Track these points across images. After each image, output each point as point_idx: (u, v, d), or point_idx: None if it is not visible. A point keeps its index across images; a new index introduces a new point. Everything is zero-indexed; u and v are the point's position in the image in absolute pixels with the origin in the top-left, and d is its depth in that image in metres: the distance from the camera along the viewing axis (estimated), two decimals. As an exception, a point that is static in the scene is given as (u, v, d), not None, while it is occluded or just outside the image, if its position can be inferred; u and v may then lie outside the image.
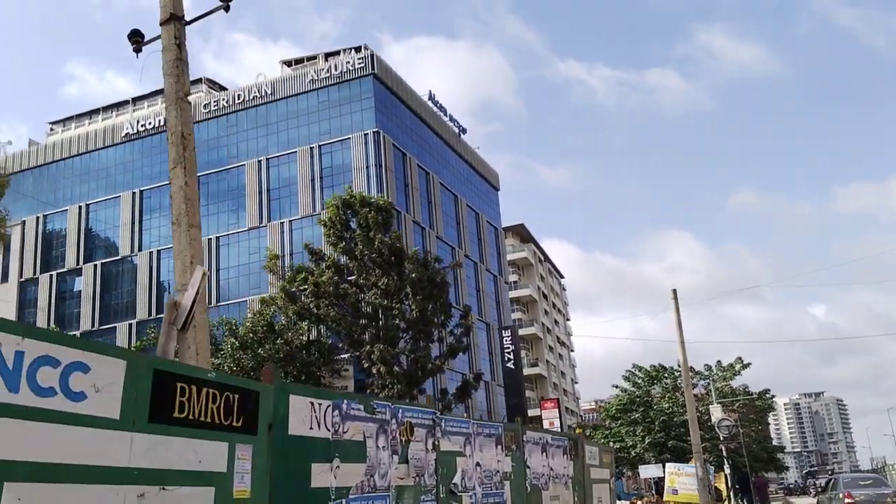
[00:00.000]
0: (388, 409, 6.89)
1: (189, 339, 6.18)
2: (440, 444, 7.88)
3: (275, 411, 5.02)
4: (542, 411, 49.07)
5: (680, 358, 27.23)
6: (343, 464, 5.90)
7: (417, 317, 25.94)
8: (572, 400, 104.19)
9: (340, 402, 6.04)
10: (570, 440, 12.00)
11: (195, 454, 4.08)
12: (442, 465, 7.83)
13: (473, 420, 8.92)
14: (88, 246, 63.04)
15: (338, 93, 57.43)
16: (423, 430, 7.58)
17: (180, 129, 6.62)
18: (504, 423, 10.33)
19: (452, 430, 8.27)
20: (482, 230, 70.53)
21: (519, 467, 9.67)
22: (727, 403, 38.67)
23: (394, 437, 6.98)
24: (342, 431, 5.99)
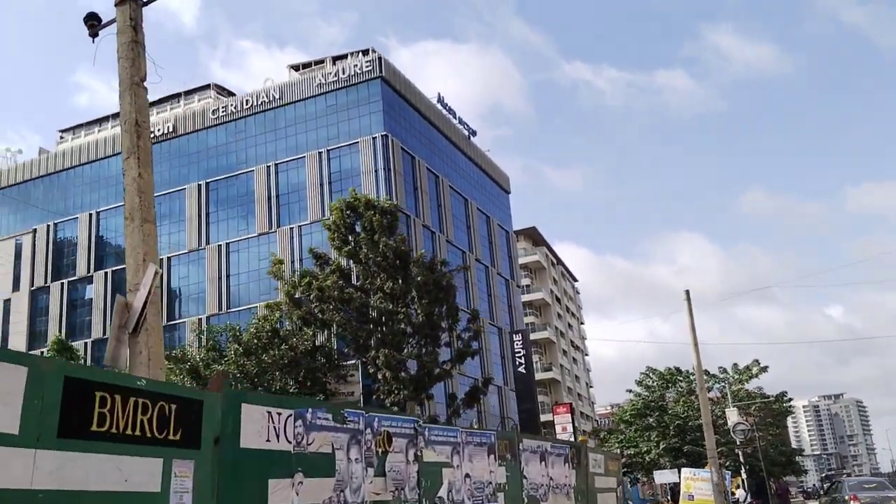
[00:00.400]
0: (361, 417, 6.38)
1: (141, 343, 5.70)
2: (423, 455, 7.37)
3: (223, 422, 4.53)
4: (554, 416, 48.36)
5: (693, 360, 26.60)
6: (307, 479, 5.43)
7: (424, 321, 25.45)
8: (587, 404, 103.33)
9: (304, 412, 5.54)
10: (572, 448, 11.45)
11: (119, 472, 3.60)
12: (425, 477, 7.35)
13: (462, 428, 8.40)
14: (99, 254, 62.98)
15: (346, 96, 57.12)
16: (404, 439, 7.09)
17: (135, 116, 6.18)
18: (498, 430, 9.80)
19: (438, 440, 7.75)
20: (493, 234, 69.97)
21: (514, 478, 9.14)
22: (743, 407, 37.91)
23: (369, 448, 6.46)
24: (306, 443, 5.52)
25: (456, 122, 66.77)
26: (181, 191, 60.68)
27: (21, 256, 64.86)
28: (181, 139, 61.62)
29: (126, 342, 5.26)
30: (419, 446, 7.33)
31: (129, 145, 6.05)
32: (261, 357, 24.09)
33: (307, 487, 5.39)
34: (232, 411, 4.68)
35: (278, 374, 25.30)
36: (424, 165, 59.58)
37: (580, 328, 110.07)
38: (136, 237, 5.79)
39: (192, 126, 61.32)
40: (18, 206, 65.58)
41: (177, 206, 60.91)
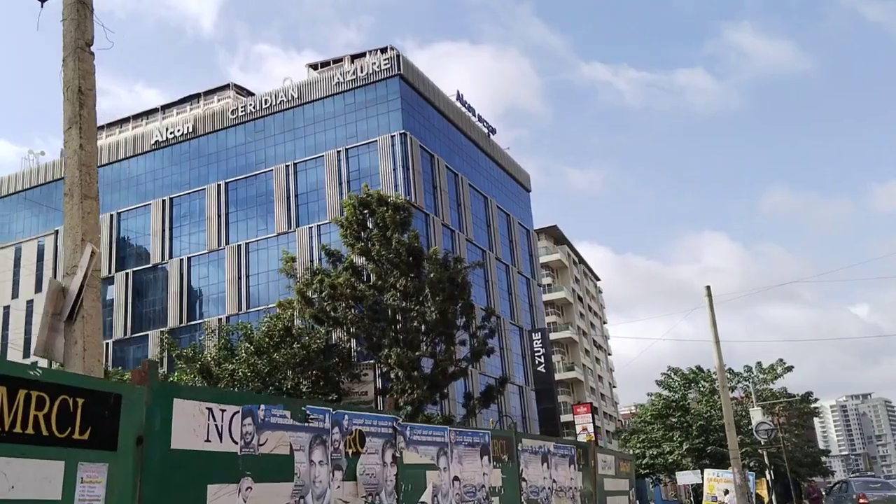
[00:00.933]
0: (327, 415, 5.81)
1: (76, 332, 5.21)
2: (403, 456, 6.81)
3: (149, 420, 4.00)
4: (574, 416, 47.65)
5: (715, 358, 25.84)
6: (258, 484, 4.87)
7: (438, 319, 24.93)
8: (610, 404, 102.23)
9: (254, 408, 4.99)
10: (579, 448, 10.82)
11: (4, 478, 3.10)
12: (405, 480, 6.77)
13: (451, 427, 7.80)
14: (120, 254, 63.17)
15: (364, 95, 56.80)
16: (380, 439, 6.52)
17: (78, 83, 5.71)
18: (493, 429, 9.22)
19: (421, 440, 7.17)
20: (513, 232, 69.32)
21: (512, 480, 8.53)
22: (768, 407, 36.98)
23: (336, 449, 5.90)
24: (257, 443, 4.96)
25: (475, 119, 66.19)
26: (201, 191, 60.69)
27: (43, 258, 65.18)
28: (200, 140, 61.64)
29: (61, 331, 4.79)
30: (398, 447, 6.78)
31: (72, 115, 5.59)
32: (272, 356, 23.66)
33: (258, 494, 4.85)
34: (160, 407, 4.14)
35: (290, 373, 24.89)
36: (443, 164, 59.12)
37: (603, 327, 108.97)
38: (74, 215, 5.33)
39: (212, 126, 61.31)
40: (41, 208, 65.95)
41: (197, 207, 60.94)
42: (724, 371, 27.98)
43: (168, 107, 68.38)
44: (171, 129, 62.79)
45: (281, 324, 25.29)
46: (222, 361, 23.74)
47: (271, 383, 23.31)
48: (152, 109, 69.23)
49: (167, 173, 62.66)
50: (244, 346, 23.88)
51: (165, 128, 63.30)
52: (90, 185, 5.51)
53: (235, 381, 23.37)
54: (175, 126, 62.89)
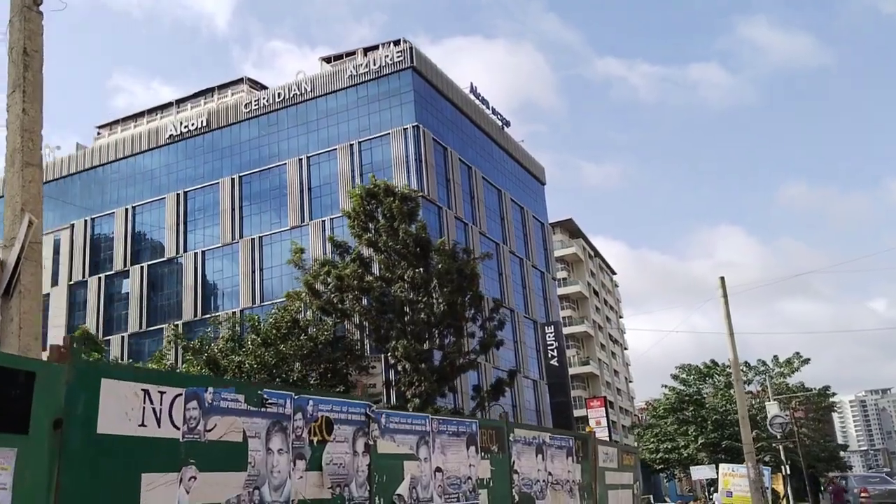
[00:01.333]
0: (288, 400, 5.42)
1: (13, 308, 4.91)
2: (378, 446, 6.45)
3: (69, 401, 3.67)
4: (587, 410, 47.20)
5: (729, 351, 25.32)
6: (204, 473, 4.53)
7: (446, 310, 24.61)
8: (626, 399, 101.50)
9: (200, 391, 4.63)
10: (577, 440, 10.40)
11: None
12: (380, 471, 6.41)
13: (433, 416, 7.42)
14: (135, 248, 63.31)
15: (377, 88, 56.53)
16: (350, 427, 6.14)
17: (23, 44, 5.40)
18: (481, 419, 8.86)
19: (398, 428, 6.79)
20: (528, 225, 68.84)
21: (502, 472, 8.14)
22: (784, 400, 36.38)
23: (299, 436, 5.53)
24: (204, 429, 4.62)
25: (489, 112, 65.71)
26: (215, 185, 60.69)
27: (59, 252, 65.51)
28: (214, 133, 61.64)
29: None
30: (372, 435, 6.41)
31: (16, 77, 5.28)
32: (279, 347, 23.45)
33: (203, 484, 4.50)
34: (85, 388, 3.80)
35: (298, 364, 24.69)
36: (457, 156, 58.75)
37: (619, 322, 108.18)
38: (14, 183, 5.01)
39: (226, 120, 61.27)
40: (57, 202, 66.22)
41: (211, 200, 60.95)
42: (739, 365, 27.47)
43: (182, 101, 68.43)
44: (185, 122, 62.83)
45: (289, 315, 25.08)
46: (229, 353, 23.56)
47: (278, 375, 23.11)
48: (167, 104, 69.31)
49: (181, 167, 62.71)
50: (251, 337, 23.70)
51: (180, 122, 63.34)
52: (33, 151, 5.19)
53: (243, 372, 23.20)
54: (189, 120, 62.92)
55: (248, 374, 22.86)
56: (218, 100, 65.76)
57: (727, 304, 24.55)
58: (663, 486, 47.71)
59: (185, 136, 62.42)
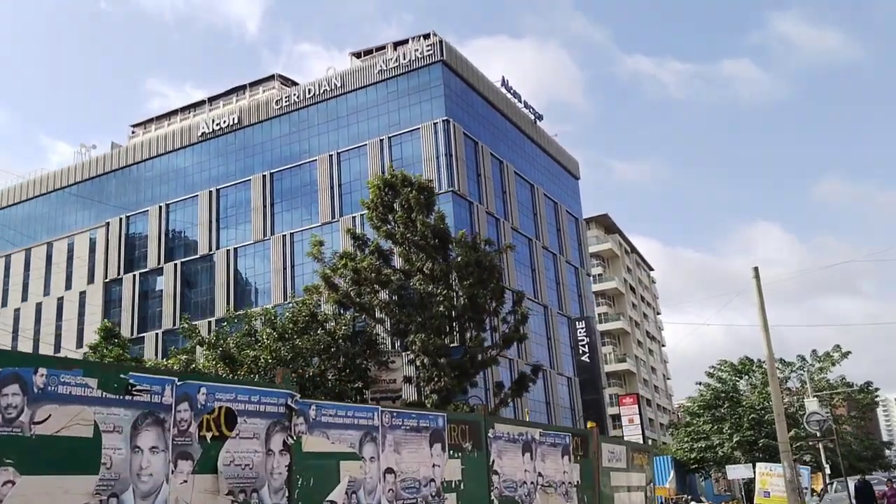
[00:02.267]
0: (168, 386, 4.58)
1: None
2: (304, 443, 5.60)
3: None
4: (620, 407, 46.19)
5: (763, 345, 24.32)
6: (28, 476, 3.77)
7: (466, 304, 23.98)
8: (664, 396, 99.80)
9: (24, 372, 3.85)
10: (576, 437, 9.51)
11: None
12: (305, 473, 5.55)
13: (384, 407, 6.60)
14: (169, 245, 63.79)
15: (406, 82, 56.13)
16: (264, 420, 5.30)
17: None
18: (452, 412, 8.17)
19: (334, 422, 5.94)
20: (561, 220, 67.88)
21: (477, 473, 7.31)
22: (824, 397, 35.07)
23: (183, 431, 4.70)
24: (30, 420, 3.85)
25: (521, 106, 64.87)
26: (246, 182, 60.88)
27: (95, 250, 66.26)
28: (246, 131, 61.81)
29: None
30: (295, 430, 5.54)
31: None
32: (295, 342, 23.00)
33: (27, 490, 3.73)
34: None
35: (317, 359, 24.24)
36: (488, 151, 58.11)
37: (656, 318, 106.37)
38: None
39: (257, 117, 61.41)
40: (92, 201, 66.98)
41: (243, 197, 61.12)
42: (775, 360, 26.43)
43: (215, 99, 68.75)
44: (217, 120, 63.07)
45: (307, 309, 24.62)
46: (245, 347, 23.20)
47: (294, 370, 22.66)
48: (199, 101, 69.70)
49: (214, 164, 62.99)
50: (266, 331, 23.30)
51: (212, 119, 63.62)
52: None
53: (258, 367, 22.81)
54: (221, 118, 63.16)
55: (264, 368, 22.47)
56: (250, 97, 65.92)
57: (761, 294, 23.59)
58: (699, 486, 46.52)
59: (217, 134, 62.69)
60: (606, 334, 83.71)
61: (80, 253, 67.07)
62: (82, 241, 67.19)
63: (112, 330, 35.12)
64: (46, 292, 67.63)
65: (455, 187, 52.56)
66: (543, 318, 61.08)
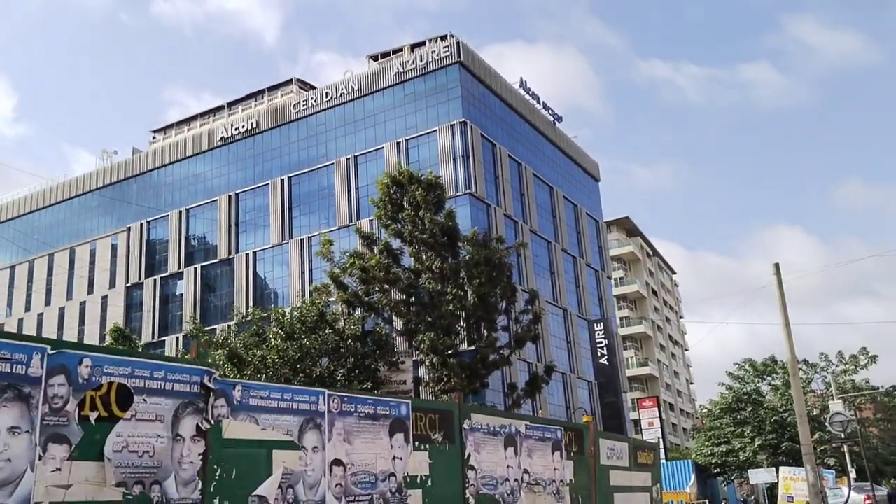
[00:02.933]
0: (37, 355, 3.98)
1: None
2: (225, 428, 4.97)
3: None
4: (639, 411, 45.46)
5: (785, 344, 23.66)
6: None
7: (476, 303, 23.57)
8: (688, 401, 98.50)
9: None
10: (570, 431, 8.90)
11: None
12: (224, 463, 4.91)
13: (332, 391, 5.89)
14: (189, 250, 64.00)
15: (423, 84, 55.91)
16: (171, 401, 4.68)
17: None
18: (418, 400, 7.70)
19: (267, 406, 5.27)
20: (581, 223, 67.21)
21: (449, 468, 6.76)
22: (849, 399, 34.17)
23: (57, 410, 4.10)
24: None
25: (540, 107, 64.35)
26: (265, 186, 60.92)
27: (117, 254, 66.66)
28: (264, 135, 61.91)
29: None
30: (214, 413, 4.91)
31: None
32: (302, 342, 22.76)
33: None
34: None
35: (327, 360, 23.98)
36: (506, 152, 57.68)
37: (679, 322, 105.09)
38: None
39: (275, 121, 61.50)
40: (114, 206, 67.46)
41: (261, 202, 61.19)
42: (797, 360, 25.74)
43: (234, 104, 69.00)
44: (235, 125, 63.26)
45: (315, 309, 24.39)
46: (252, 347, 22.99)
47: (302, 370, 22.40)
48: (218, 107, 70.04)
49: (232, 169, 63.16)
50: (272, 330, 23.08)
51: (231, 124, 63.81)
52: None
53: (266, 367, 22.59)
54: (240, 122, 63.35)
55: (271, 368, 22.26)
56: (268, 101, 66.06)
57: (782, 290, 22.96)
58: (721, 490, 45.62)
59: (235, 139, 62.84)
60: (628, 338, 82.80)
61: (101, 258, 67.53)
62: (104, 246, 67.65)
63: (123, 332, 35.09)
64: (69, 297, 68.15)
65: (473, 189, 52.21)
66: (563, 321, 60.48)
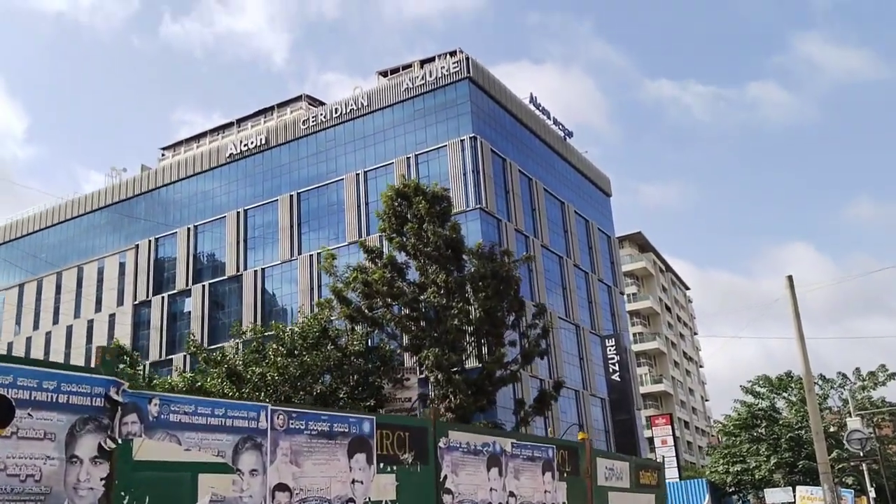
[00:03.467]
0: None
1: None
2: (138, 449, 4.39)
3: None
4: (652, 428, 44.51)
5: (799, 358, 22.86)
6: None
7: (483, 317, 22.92)
8: (703, 419, 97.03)
9: None
10: (562, 450, 8.24)
11: None
12: (134, 489, 4.35)
13: (274, 406, 5.20)
14: (197, 267, 63.64)
15: (433, 99, 55.58)
16: (66, 416, 4.04)
17: None
18: (382, 415, 7.02)
19: (190, 422, 4.61)
20: (593, 238, 66.51)
21: (419, 492, 6.12)
22: (868, 416, 33.21)
23: None
24: None
25: (550, 122, 63.91)
26: (274, 202, 60.61)
27: (125, 272, 66.41)
28: (273, 151, 61.65)
29: None
30: (122, 431, 4.33)
31: None
32: (303, 358, 22.15)
33: None
34: None
35: (329, 376, 23.37)
36: (516, 168, 57.17)
37: (693, 339, 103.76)
38: None
39: (284, 137, 61.26)
40: (123, 223, 67.33)
41: (270, 218, 60.86)
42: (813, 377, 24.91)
43: (243, 120, 68.89)
44: (244, 141, 63.07)
45: (317, 324, 23.80)
46: (252, 364, 22.39)
47: (302, 387, 21.77)
48: (228, 123, 69.93)
49: (241, 185, 62.90)
50: (271, 347, 22.49)
51: (240, 140, 63.63)
52: None
53: (265, 384, 21.99)
54: (249, 139, 63.16)
55: (271, 385, 21.64)
56: (277, 118, 65.90)
57: (795, 303, 22.18)
58: (737, 510, 44.66)
59: (244, 155, 62.63)
60: (642, 354, 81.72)
61: (110, 276, 67.30)
62: (112, 263, 67.42)
63: (123, 349, 34.57)
64: (77, 315, 67.87)
65: (483, 204, 51.70)
66: (576, 337, 59.71)
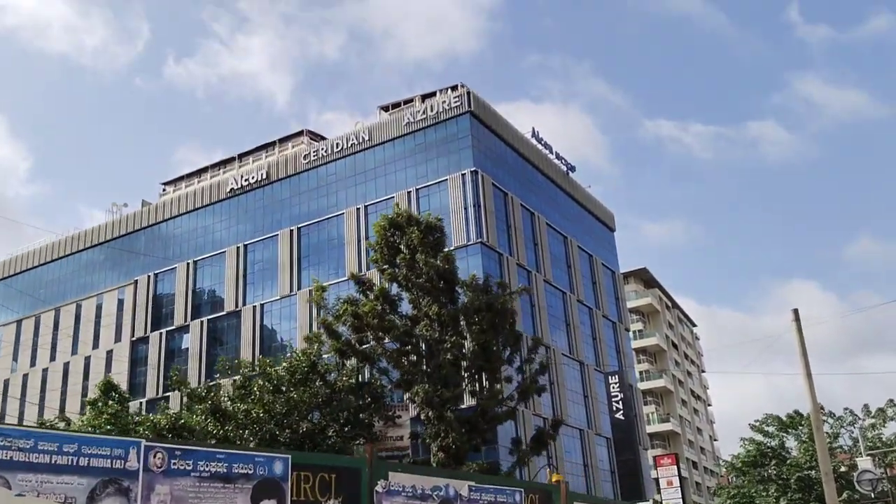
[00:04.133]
0: None
1: None
2: None
3: None
4: (657, 468, 43.21)
5: (806, 394, 21.89)
6: None
7: (477, 351, 22.04)
8: (711, 459, 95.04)
9: None
10: (531, 493, 7.20)
11: None
12: None
13: (149, 442, 4.30)
14: (196, 302, 62.92)
15: (434, 134, 55.29)
16: None
17: None
18: (300, 453, 6.15)
19: (27, 461, 3.63)
20: (597, 273, 65.64)
21: None
22: (879, 456, 31.99)
23: None
24: None
25: (552, 156, 63.47)
26: (274, 237, 60.10)
27: (123, 308, 65.72)
28: (274, 186, 61.30)
29: None
30: None
31: None
32: (290, 394, 21.26)
33: None
34: None
35: (318, 413, 22.43)
36: (518, 202, 56.60)
37: (701, 376, 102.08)
38: None
39: (285, 172, 60.95)
40: (122, 259, 66.80)
41: (270, 253, 60.28)
42: (821, 413, 23.87)
43: (244, 155, 68.65)
44: (245, 176, 62.78)
45: (306, 359, 22.93)
46: (236, 400, 21.50)
47: (288, 425, 20.83)
48: (229, 158, 69.70)
49: (241, 220, 62.48)
50: (257, 383, 21.60)
51: (241, 175, 63.34)
52: None
53: (250, 421, 21.07)
54: (250, 173, 62.87)
55: (256, 422, 20.72)
56: (279, 153, 65.64)
57: (801, 337, 21.29)
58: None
59: (245, 190, 62.27)
60: (648, 393, 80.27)
61: (108, 311, 66.59)
62: (111, 299, 66.75)
63: (113, 385, 33.80)
64: (74, 351, 67.02)
65: (484, 238, 51.08)
66: (580, 374, 58.59)
